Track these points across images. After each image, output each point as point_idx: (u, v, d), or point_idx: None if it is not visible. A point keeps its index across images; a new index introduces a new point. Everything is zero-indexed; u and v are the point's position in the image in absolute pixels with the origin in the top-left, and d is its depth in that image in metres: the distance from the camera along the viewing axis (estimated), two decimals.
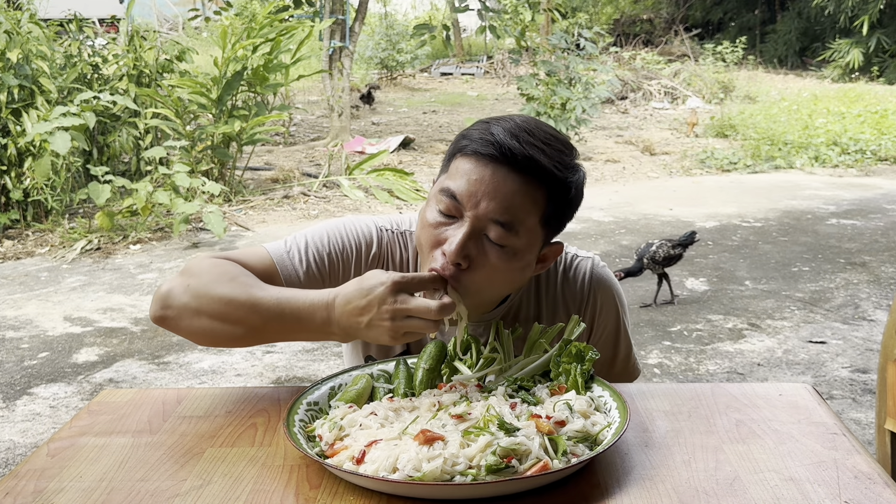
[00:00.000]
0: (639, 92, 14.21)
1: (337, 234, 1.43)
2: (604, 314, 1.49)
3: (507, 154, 1.22)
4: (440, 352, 1.30)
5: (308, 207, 7.35)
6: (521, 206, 1.24)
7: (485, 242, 1.25)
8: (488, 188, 1.23)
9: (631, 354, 1.56)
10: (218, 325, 1.25)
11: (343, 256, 1.42)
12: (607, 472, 1.06)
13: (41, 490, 1.05)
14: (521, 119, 1.28)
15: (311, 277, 1.39)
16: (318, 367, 3.97)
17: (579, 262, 1.49)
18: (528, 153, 1.22)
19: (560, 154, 1.27)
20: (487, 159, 1.23)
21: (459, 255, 1.23)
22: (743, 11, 20.71)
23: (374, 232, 1.45)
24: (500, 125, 1.25)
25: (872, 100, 12.77)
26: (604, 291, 1.49)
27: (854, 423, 3.31)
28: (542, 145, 1.24)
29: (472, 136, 1.27)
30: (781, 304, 4.77)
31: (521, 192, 1.23)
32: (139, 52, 7.61)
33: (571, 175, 1.28)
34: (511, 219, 1.23)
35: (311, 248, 1.41)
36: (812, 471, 1.06)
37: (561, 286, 1.48)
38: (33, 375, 3.89)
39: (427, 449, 1.01)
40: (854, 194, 7.92)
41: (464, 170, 1.26)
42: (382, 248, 1.45)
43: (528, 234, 1.26)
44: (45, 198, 6.49)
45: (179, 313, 1.27)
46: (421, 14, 23.71)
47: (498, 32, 9.72)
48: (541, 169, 1.23)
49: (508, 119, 1.27)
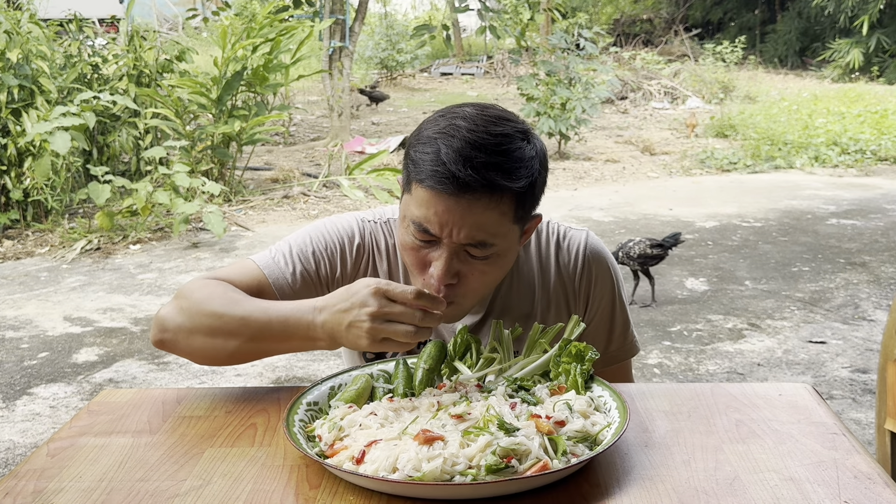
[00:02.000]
0: (639, 92, 14.21)
1: (318, 234, 1.46)
2: (599, 285, 1.50)
3: (463, 185, 1.20)
4: (440, 352, 1.30)
5: (308, 207, 7.35)
6: (492, 221, 1.24)
7: (467, 257, 1.28)
8: (455, 218, 1.23)
9: (629, 330, 1.56)
10: (211, 342, 1.29)
11: (328, 252, 1.44)
12: (607, 472, 1.06)
13: (41, 490, 1.05)
14: (467, 127, 1.22)
15: (301, 279, 1.41)
16: (318, 367, 3.97)
17: (573, 235, 1.50)
18: (485, 180, 1.20)
19: (514, 155, 1.23)
20: (445, 193, 1.22)
21: (447, 277, 1.27)
22: (743, 11, 20.71)
23: (356, 224, 1.47)
24: (449, 147, 1.21)
25: (872, 100, 12.77)
26: (598, 263, 1.49)
27: (854, 423, 3.31)
28: (496, 159, 1.21)
29: (422, 164, 1.24)
30: (781, 304, 4.77)
31: (488, 210, 1.23)
32: (139, 52, 7.61)
33: (533, 172, 1.26)
34: (484, 237, 1.25)
35: (296, 250, 1.43)
36: (812, 471, 1.06)
37: (555, 257, 1.49)
38: (33, 375, 3.89)
39: (427, 449, 1.01)
40: (854, 194, 7.92)
41: (426, 201, 1.24)
42: (366, 237, 1.47)
43: (505, 238, 1.28)
44: (45, 198, 6.49)
45: (175, 335, 1.31)
46: (421, 14, 23.72)
47: (498, 33, 9.71)
48: (501, 187, 1.22)
49: (454, 131, 1.22)
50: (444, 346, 1.31)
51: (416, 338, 1.17)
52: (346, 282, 1.39)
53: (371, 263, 1.46)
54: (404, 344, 1.19)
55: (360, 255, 1.46)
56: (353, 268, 1.45)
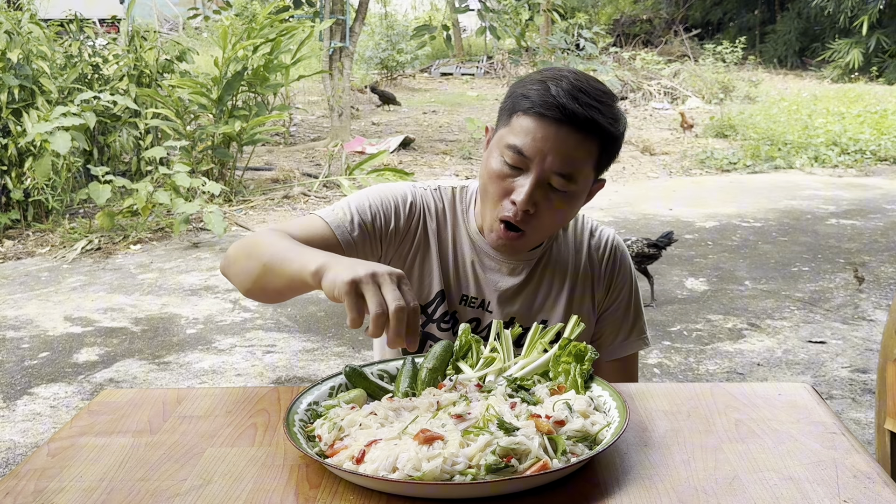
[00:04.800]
0: (638, 92, 14.21)
1: (375, 192, 1.57)
2: (620, 275, 1.63)
3: (569, 115, 1.36)
4: (446, 352, 1.30)
5: (308, 207, 7.35)
6: (580, 158, 1.40)
7: (548, 190, 1.41)
8: (552, 145, 1.37)
9: (643, 324, 1.66)
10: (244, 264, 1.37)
11: (383, 207, 1.54)
12: (607, 472, 1.06)
13: (41, 490, 1.05)
14: (573, 77, 1.40)
15: (358, 229, 1.49)
16: (318, 367, 3.97)
17: (603, 229, 1.67)
18: (588, 115, 1.36)
19: (611, 109, 1.41)
20: (550, 119, 1.37)
21: (529, 203, 1.40)
22: (743, 11, 20.71)
23: (408, 188, 1.59)
24: (558, 85, 1.37)
25: (872, 100, 12.77)
26: (622, 258, 1.64)
27: (854, 423, 3.31)
28: (597, 104, 1.38)
29: (531, 95, 1.39)
30: (781, 304, 4.77)
31: (580, 146, 1.39)
32: (139, 53, 7.61)
33: (620, 126, 1.43)
34: (571, 170, 1.40)
35: (354, 204, 1.53)
36: (811, 470, 1.06)
37: (588, 243, 1.63)
38: (34, 375, 3.89)
39: (427, 448, 1.01)
40: (854, 194, 7.92)
41: (528, 128, 1.39)
42: (417, 198, 1.58)
43: (583, 181, 1.44)
44: (45, 198, 6.49)
45: (229, 261, 1.43)
46: (421, 14, 23.70)
47: (498, 33, 9.71)
48: (598, 127, 1.38)
49: (561, 77, 1.39)
50: (451, 347, 1.32)
51: (380, 319, 1.10)
52: (399, 236, 1.54)
53: (422, 221, 1.57)
54: (364, 315, 1.12)
55: (413, 213, 1.56)
56: (406, 223, 1.55)
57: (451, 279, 1.57)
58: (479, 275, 1.57)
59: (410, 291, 1.15)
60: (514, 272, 1.57)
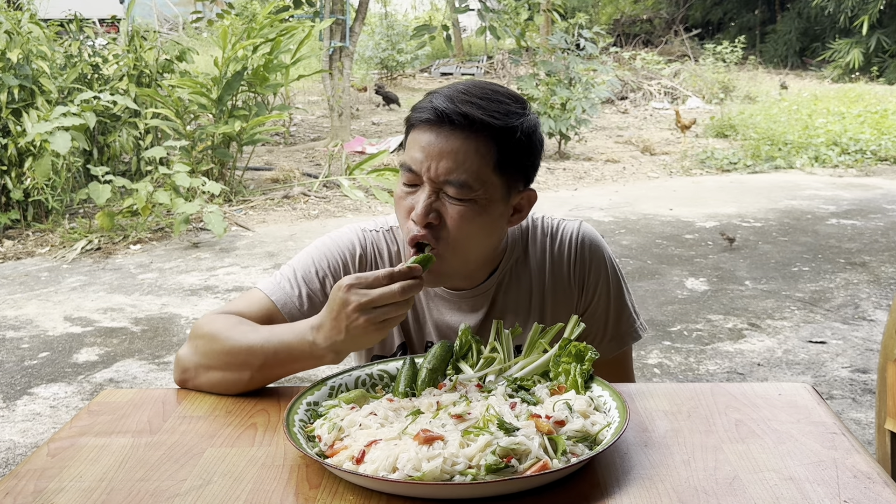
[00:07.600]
0: (639, 92, 14.21)
1: (319, 253, 1.49)
2: (593, 273, 1.52)
3: (442, 116, 1.30)
4: (446, 352, 1.30)
5: (308, 207, 7.35)
6: (469, 159, 1.30)
7: (446, 201, 1.32)
8: (434, 150, 1.31)
9: (630, 316, 1.57)
10: (225, 375, 1.32)
11: (331, 270, 1.47)
12: (607, 472, 1.06)
13: (41, 490, 1.05)
14: (464, 83, 1.35)
15: (308, 301, 1.44)
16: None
17: (566, 226, 1.54)
18: (461, 110, 1.29)
19: (498, 104, 1.32)
20: (429, 125, 1.32)
21: (426, 215, 1.31)
22: (743, 11, 20.71)
23: (356, 237, 1.51)
24: (440, 92, 1.34)
25: (872, 100, 12.76)
26: (592, 251, 1.52)
27: (854, 423, 3.31)
28: (476, 100, 1.31)
29: (416, 107, 1.35)
30: (781, 304, 4.77)
31: (464, 146, 1.30)
32: (139, 53, 7.61)
33: (513, 120, 1.33)
34: (463, 174, 1.30)
35: (300, 273, 1.46)
36: (811, 470, 1.06)
37: (549, 250, 1.51)
38: (33, 375, 3.89)
39: (427, 448, 1.01)
40: (854, 194, 7.92)
41: (414, 141, 1.34)
42: (367, 248, 1.50)
43: (484, 185, 1.32)
44: (45, 198, 6.49)
45: (194, 373, 1.35)
46: (421, 14, 23.71)
47: (498, 33, 9.71)
48: (476, 121, 1.29)
49: (451, 85, 1.35)
50: (451, 348, 1.32)
51: (408, 306, 1.20)
52: None
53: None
54: (402, 316, 1.21)
55: (364, 266, 1.48)
56: None
57: (410, 330, 1.50)
58: (437, 319, 1.49)
59: (369, 274, 1.20)
60: (474, 308, 1.48)
